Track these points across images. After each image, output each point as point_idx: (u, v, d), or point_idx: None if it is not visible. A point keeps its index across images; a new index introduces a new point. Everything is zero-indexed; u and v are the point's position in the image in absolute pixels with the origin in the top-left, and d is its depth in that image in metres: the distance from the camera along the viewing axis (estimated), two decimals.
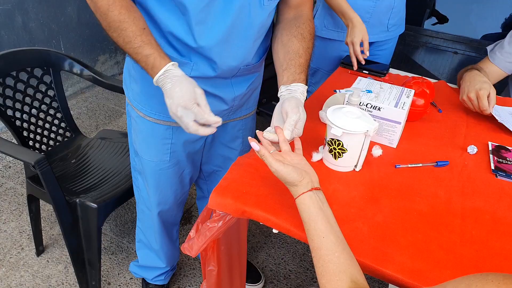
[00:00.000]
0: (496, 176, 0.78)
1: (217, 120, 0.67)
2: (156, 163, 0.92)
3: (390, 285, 1.10)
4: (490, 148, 0.86)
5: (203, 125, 0.67)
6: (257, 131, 0.68)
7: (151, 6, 0.70)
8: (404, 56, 1.90)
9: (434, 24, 1.89)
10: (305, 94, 0.74)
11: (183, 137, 0.89)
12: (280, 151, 0.63)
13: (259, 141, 0.63)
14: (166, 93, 0.68)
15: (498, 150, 0.86)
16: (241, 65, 0.80)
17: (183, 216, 1.58)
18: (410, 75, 1.23)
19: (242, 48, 0.77)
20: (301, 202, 0.55)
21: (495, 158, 0.83)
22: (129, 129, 0.96)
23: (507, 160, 0.83)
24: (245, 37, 0.75)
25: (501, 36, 1.23)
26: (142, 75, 0.80)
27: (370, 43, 1.32)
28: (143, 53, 0.68)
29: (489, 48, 1.16)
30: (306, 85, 0.75)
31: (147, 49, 0.67)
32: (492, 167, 0.80)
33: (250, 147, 1.04)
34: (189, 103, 0.65)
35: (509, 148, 0.87)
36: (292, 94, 0.72)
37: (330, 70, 1.34)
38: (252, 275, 1.29)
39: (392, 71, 1.26)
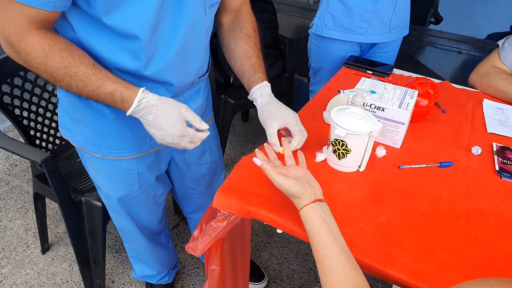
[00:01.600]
0: (501, 177, 0.78)
1: (206, 127, 0.68)
2: (126, 195, 0.87)
3: (393, 286, 1.09)
4: (495, 149, 0.86)
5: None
6: (265, 144, 0.70)
7: (93, 44, 0.63)
8: (408, 56, 1.89)
9: (430, 24, 1.88)
10: (265, 89, 0.76)
11: (147, 162, 0.85)
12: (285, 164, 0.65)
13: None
14: (149, 124, 0.64)
15: (502, 151, 0.85)
16: (195, 79, 0.78)
17: (185, 217, 1.58)
18: (414, 75, 1.23)
19: (195, 62, 0.74)
20: (305, 214, 0.56)
21: (500, 159, 0.83)
22: (84, 165, 0.88)
23: None
24: (197, 51, 0.73)
25: (507, 35, 1.22)
26: (92, 116, 0.73)
27: (372, 45, 1.32)
28: (105, 92, 0.61)
29: (500, 43, 1.13)
30: (265, 78, 0.78)
31: (108, 85, 0.61)
32: (497, 168, 0.80)
33: (219, 155, 1.03)
34: (183, 131, 0.64)
35: None
36: (257, 101, 0.76)
37: (331, 69, 1.34)
38: (255, 273, 1.29)
39: (396, 71, 1.26)
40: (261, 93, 0.75)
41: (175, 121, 0.63)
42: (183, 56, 0.70)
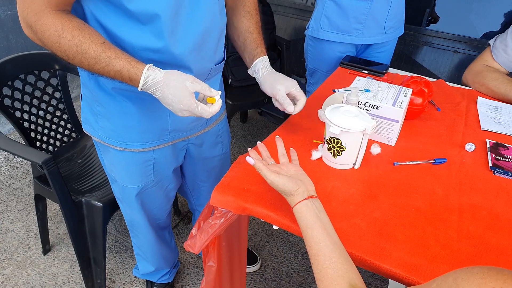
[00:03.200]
0: (494, 173, 0.79)
1: (217, 94, 0.67)
2: (140, 187, 0.90)
3: (390, 281, 1.10)
4: (488, 146, 0.87)
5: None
6: (258, 142, 0.72)
7: (117, 31, 0.65)
8: (405, 56, 1.91)
9: (428, 24, 1.90)
10: (267, 62, 0.82)
11: (165, 154, 0.86)
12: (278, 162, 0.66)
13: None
14: (159, 99, 0.66)
15: (496, 148, 0.87)
16: (213, 65, 0.79)
17: (186, 215, 1.60)
18: (409, 74, 1.24)
19: (213, 45, 0.75)
20: (298, 211, 0.57)
21: (493, 156, 0.84)
22: (101, 158, 0.91)
23: (505, 157, 0.84)
24: (214, 34, 0.75)
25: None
26: (116, 108, 0.75)
27: (368, 45, 1.34)
28: (114, 69, 0.62)
29: (491, 42, 1.14)
30: (266, 53, 0.83)
31: (117, 63, 0.62)
32: (490, 164, 0.81)
33: (228, 148, 1.05)
34: (190, 105, 0.64)
35: (507, 145, 0.88)
36: (259, 72, 0.81)
37: (327, 70, 1.35)
38: (248, 257, 1.30)
39: (391, 70, 1.27)
40: (263, 65, 0.81)
41: (181, 97, 0.63)
42: (203, 37, 0.72)
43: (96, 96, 0.76)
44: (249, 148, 0.66)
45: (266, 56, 0.83)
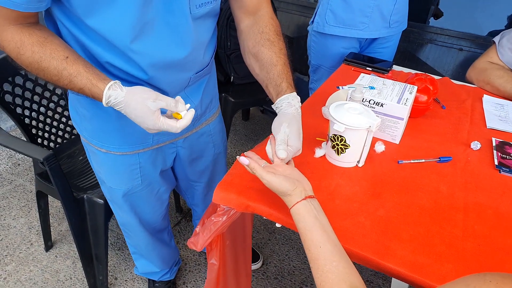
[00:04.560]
0: (500, 172, 0.78)
1: (184, 109, 0.63)
2: (129, 190, 0.88)
3: (393, 279, 1.10)
4: (494, 144, 0.86)
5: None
6: (250, 151, 0.68)
7: (83, 35, 0.63)
8: (409, 54, 1.89)
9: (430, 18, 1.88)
10: (294, 100, 0.68)
11: (151, 158, 0.85)
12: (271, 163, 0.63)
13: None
14: (126, 115, 0.63)
15: (502, 146, 0.86)
16: (192, 75, 0.76)
17: (188, 213, 1.59)
18: (413, 71, 1.23)
19: (190, 62, 0.72)
20: (296, 212, 0.55)
21: (499, 154, 0.83)
22: (89, 158, 0.90)
23: (511, 156, 0.82)
24: (192, 57, 0.70)
25: None
26: (96, 112, 0.75)
27: (372, 41, 1.33)
28: (76, 87, 0.61)
29: (496, 39, 1.13)
30: (293, 89, 0.70)
31: (78, 81, 0.60)
32: (496, 163, 0.80)
33: (223, 147, 1.03)
34: (155, 124, 0.61)
35: None
36: (281, 110, 0.68)
37: (331, 66, 1.34)
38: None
39: (396, 67, 1.26)
40: (288, 103, 0.68)
41: (143, 118, 0.61)
42: (172, 62, 0.68)
43: (78, 98, 0.75)
44: (243, 153, 0.63)
45: (295, 92, 0.69)
